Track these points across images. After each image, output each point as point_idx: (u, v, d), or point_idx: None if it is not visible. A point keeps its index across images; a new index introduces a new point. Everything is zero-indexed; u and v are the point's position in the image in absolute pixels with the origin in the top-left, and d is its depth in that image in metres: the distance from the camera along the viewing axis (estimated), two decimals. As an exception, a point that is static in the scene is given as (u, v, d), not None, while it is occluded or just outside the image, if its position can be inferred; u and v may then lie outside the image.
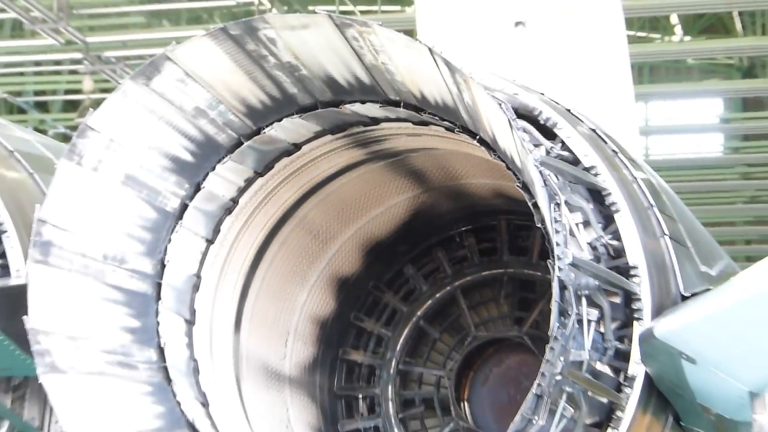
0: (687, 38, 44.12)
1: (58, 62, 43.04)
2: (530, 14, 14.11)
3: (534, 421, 6.48)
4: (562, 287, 6.40)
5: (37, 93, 45.06)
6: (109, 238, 7.04)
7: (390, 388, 8.89)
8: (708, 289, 7.19)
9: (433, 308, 8.95)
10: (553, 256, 6.42)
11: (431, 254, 8.90)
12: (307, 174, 7.66)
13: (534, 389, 6.45)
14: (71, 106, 45.55)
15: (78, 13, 37.94)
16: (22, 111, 45.44)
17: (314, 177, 7.75)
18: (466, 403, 8.97)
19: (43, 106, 47.62)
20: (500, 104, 6.41)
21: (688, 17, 43.98)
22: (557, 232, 6.44)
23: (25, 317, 6.78)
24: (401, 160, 7.84)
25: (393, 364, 8.88)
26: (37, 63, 43.51)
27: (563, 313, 6.44)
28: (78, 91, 43.49)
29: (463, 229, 8.81)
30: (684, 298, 7.10)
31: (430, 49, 6.37)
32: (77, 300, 6.95)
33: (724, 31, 44.38)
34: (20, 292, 6.83)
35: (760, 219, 49.06)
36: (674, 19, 42.91)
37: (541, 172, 6.46)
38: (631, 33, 28.30)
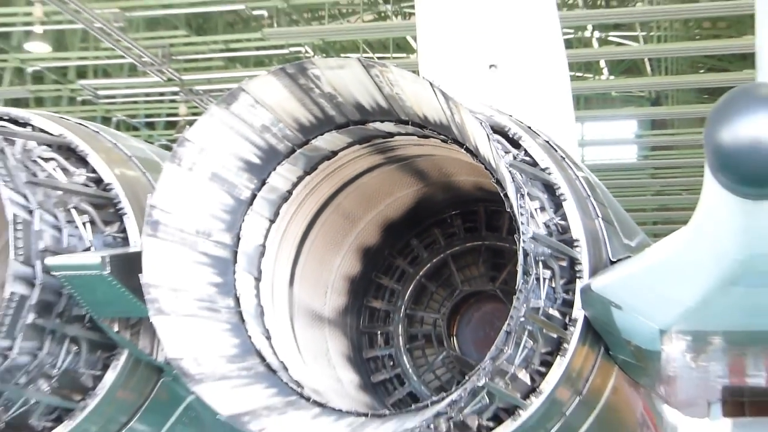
0: (611, 77, 44.24)
1: (161, 94, 42.91)
2: (501, 59, 14.06)
3: (504, 351, 6.47)
4: (525, 254, 6.42)
5: (147, 116, 45.10)
6: (200, 218, 7.04)
7: (400, 327, 8.86)
8: (629, 256, 7.18)
9: (431, 270, 8.92)
10: (519, 232, 6.43)
11: (430, 231, 8.87)
12: (341, 173, 7.68)
13: (505, 328, 6.47)
14: (171, 125, 45.66)
15: (176, 59, 37.85)
16: (135, 129, 45.44)
17: (346, 175, 7.76)
18: (454, 338, 8.97)
19: (150, 126, 47.69)
20: (481, 123, 6.44)
21: (612, 62, 43.97)
22: (521, 215, 6.48)
23: (140, 275, 6.78)
24: (409, 163, 7.86)
25: (402, 309, 8.86)
26: (147, 94, 43.41)
27: (526, 273, 6.45)
28: (176, 115, 43.59)
29: (453, 212, 8.80)
30: (612, 263, 7.11)
31: (430, 83, 6.39)
32: (177, 262, 6.95)
33: (638, 72, 44.32)
34: (136, 257, 6.83)
35: (664, 207, 49.45)
36: (602, 63, 43.13)
37: (510, 171, 6.50)
38: (572, 73, 28.41)
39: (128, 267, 6.85)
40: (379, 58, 40.38)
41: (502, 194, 6.58)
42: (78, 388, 7.41)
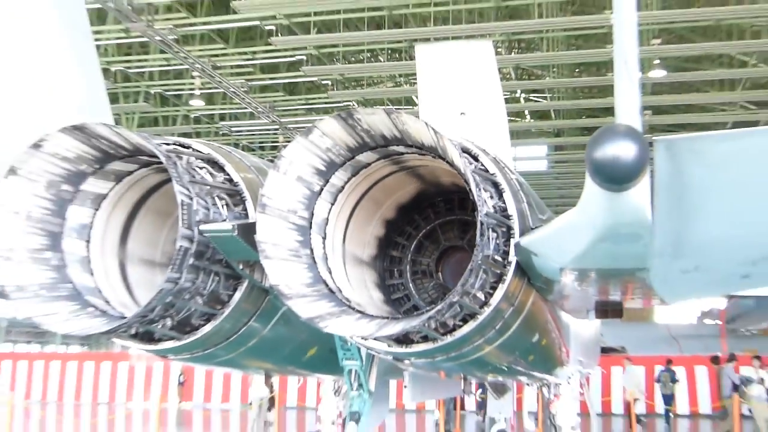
0: (532, 120, 43.95)
1: (268, 129, 42.87)
2: (468, 110, 14.00)
3: (469, 280, 6.50)
4: (482, 224, 6.37)
5: (260, 142, 44.85)
6: (290, 202, 6.97)
7: (407, 266, 8.82)
8: (541, 225, 7.16)
9: (426, 233, 8.88)
10: (478, 211, 6.37)
11: (425, 210, 8.78)
12: (373, 176, 7.61)
13: (469, 266, 6.41)
14: (274, 148, 45.50)
15: (277, 109, 37.76)
16: (252, 150, 45.37)
17: (375, 177, 7.69)
18: (440, 273, 8.92)
19: (262, 149, 47.60)
20: (455, 145, 6.38)
21: (532, 111, 43.74)
22: (479, 201, 6.42)
23: (255, 235, 6.77)
24: (413, 170, 7.78)
25: (409, 256, 8.84)
26: (259, 130, 43.42)
27: (482, 234, 6.39)
28: (277, 142, 43.59)
29: (439, 199, 8.74)
30: (532, 229, 7.02)
31: (425, 123, 6.34)
32: (276, 228, 6.90)
33: (547, 117, 44.07)
34: (253, 225, 6.81)
35: (562, 196, 48.99)
36: (526, 112, 42.82)
37: (472, 175, 6.47)
38: (509, 118, 28.25)
39: (248, 231, 6.83)
40: (397, 108, 40.58)
41: (468, 189, 6.56)
42: (218, 301, 7.38)
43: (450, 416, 29.19)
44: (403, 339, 7.32)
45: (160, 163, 7.36)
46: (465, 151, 7.19)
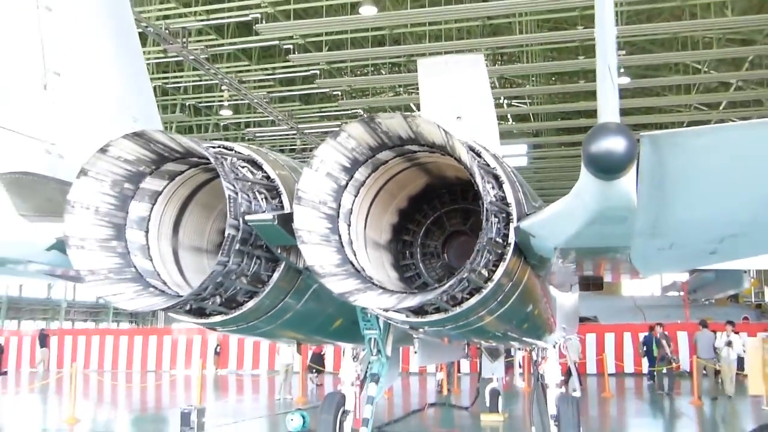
0: (514, 123, 43.84)
1: (287, 135, 42.84)
2: (463, 114, 13.98)
3: (475, 259, 6.48)
4: (486, 211, 6.35)
5: (281, 145, 44.80)
6: (320, 195, 7.03)
7: (418, 249, 8.85)
8: (535, 211, 7.14)
9: (434, 220, 8.89)
10: (482, 200, 6.37)
11: (433, 201, 8.78)
12: (390, 172, 7.60)
13: (476, 247, 6.41)
14: (291, 151, 45.38)
15: (295, 117, 37.80)
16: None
17: (392, 173, 7.66)
18: (445, 254, 8.89)
19: (282, 151, 47.60)
20: (463, 144, 6.37)
21: (514, 115, 43.65)
22: (483, 191, 6.40)
23: (292, 224, 6.79)
24: (424, 166, 7.77)
25: (419, 240, 8.83)
26: (279, 135, 43.36)
27: (486, 219, 6.38)
28: (294, 145, 43.57)
29: (444, 191, 8.73)
30: (527, 215, 7.03)
31: (437, 125, 6.32)
32: (310, 217, 6.92)
33: (528, 120, 43.98)
34: (290, 215, 6.83)
35: (540, 188, 48.83)
36: (509, 116, 42.75)
37: (477, 169, 6.45)
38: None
39: (285, 220, 6.84)
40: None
41: (473, 181, 6.56)
42: (259, 281, 7.37)
43: (450, 378, 29.22)
44: (419, 310, 7.34)
45: (208, 163, 7.39)
46: (470, 148, 7.20)
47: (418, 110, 40.50)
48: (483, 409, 19.65)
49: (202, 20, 29.62)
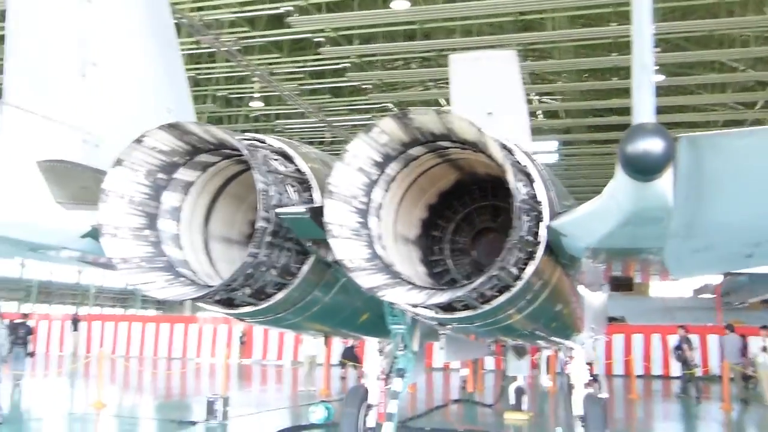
0: (544, 119, 43.54)
1: (316, 127, 42.88)
2: (494, 109, 13.92)
3: (506, 257, 6.42)
4: (518, 209, 6.34)
5: (309, 138, 44.70)
6: (351, 189, 7.10)
7: (447, 245, 8.80)
8: (565, 211, 7.11)
9: (463, 216, 8.85)
10: (513, 198, 6.37)
11: (463, 197, 8.75)
12: (420, 167, 7.59)
13: (507, 245, 6.39)
14: (320, 143, 45.36)
15: (323, 110, 37.91)
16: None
17: (423, 168, 7.67)
18: (474, 250, 8.86)
19: (310, 143, 47.64)
20: (495, 141, 6.38)
21: (545, 112, 43.38)
22: (515, 189, 6.39)
23: (322, 218, 6.83)
24: (455, 162, 7.75)
25: (448, 236, 8.80)
26: (308, 127, 43.37)
27: (518, 218, 6.37)
28: (323, 138, 43.61)
29: (474, 187, 8.68)
30: (558, 214, 7.00)
31: (470, 122, 6.32)
32: (340, 211, 6.95)
33: (558, 117, 43.69)
34: (321, 208, 6.88)
35: (570, 185, 48.29)
36: (539, 113, 42.49)
37: (510, 167, 6.44)
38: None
39: (316, 213, 6.87)
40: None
41: (505, 178, 6.56)
42: (288, 273, 7.42)
43: (473, 375, 29.20)
44: (447, 307, 7.35)
45: (240, 155, 7.44)
46: (502, 146, 7.18)
47: (448, 105, 40.46)
48: (507, 407, 19.62)
49: (235, 12, 29.67)
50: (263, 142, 7.69)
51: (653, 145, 4.53)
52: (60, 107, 7.88)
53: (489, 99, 14.76)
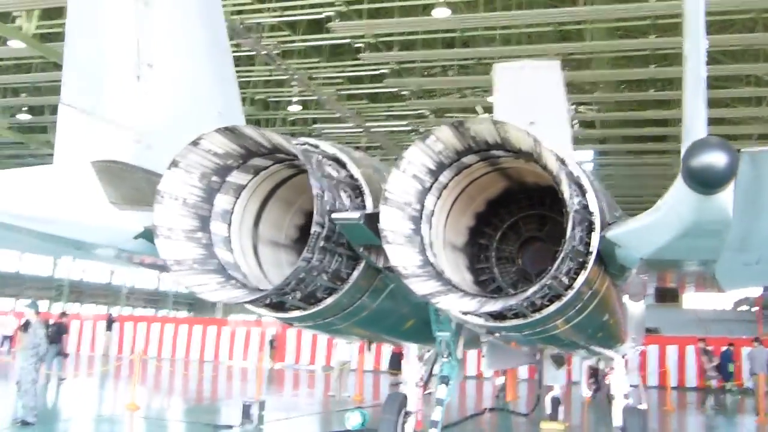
0: (580, 128, 43.17)
1: (353, 132, 42.95)
2: (536, 120, 13.89)
3: (559, 267, 6.41)
4: (571, 219, 6.33)
5: (347, 142, 44.56)
6: (406, 196, 7.06)
7: (493, 252, 8.77)
8: (615, 221, 7.08)
9: (510, 225, 8.84)
10: (568, 208, 6.36)
11: (510, 205, 8.72)
12: (471, 176, 7.61)
13: (561, 255, 6.38)
14: (356, 149, 45.22)
15: (361, 115, 37.96)
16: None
17: (473, 177, 7.68)
18: (520, 258, 8.84)
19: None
20: (551, 151, 6.36)
21: (581, 122, 43.13)
22: (570, 199, 6.39)
23: (378, 224, 6.85)
24: (504, 170, 7.78)
25: (494, 244, 8.78)
26: (346, 133, 43.36)
27: (572, 227, 6.37)
28: (359, 143, 43.60)
29: (521, 196, 8.66)
30: (609, 224, 6.97)
31: (527, 132, 6.32)
32: (395, 218, 6.98)
33: (593, 127, 43.41)
34: (376, 215, 6.94)
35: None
36: (575, 121, 42.10)
37: (565, 178, 6.43)
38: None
39: (370, 219, 6.90)
40: (465, 117, 40.78)
41: (558, 188, 6.55)
42: (339, 278, 7.44)
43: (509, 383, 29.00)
44: (497, 315, 7.34)
45: (291, 160, 7.50)
46: (556, 157, 7.18)
47: (485, 113, 40.41)
48: (543, 416, 19.50)
49: (276, 16, 29.86)
50: (317, 147, 7.72)
51: (717, 159, 4.54)
52: (114, 108, 7.98)
53: (532, 108, 14.71)
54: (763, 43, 30.78)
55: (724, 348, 33.19)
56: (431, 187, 7.31)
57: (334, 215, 6.93)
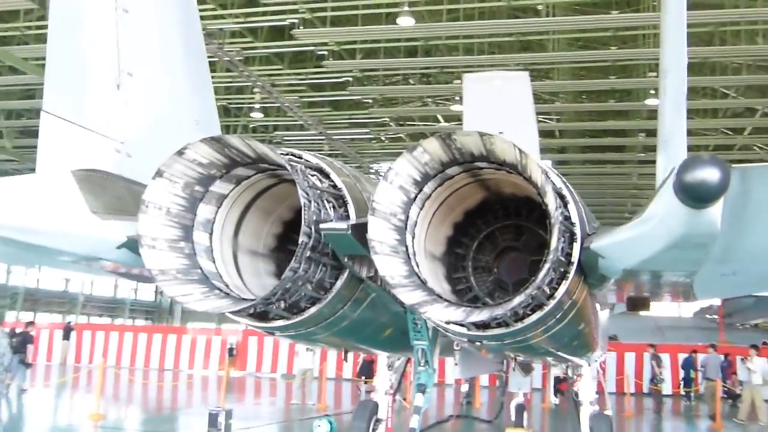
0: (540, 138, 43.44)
1: (314, 139, 42.87)
2: (505, 129, 14.00)
3: (541, 277, 6.47)
4: (556, 229, 6.42)
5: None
6: (391, 206, 7.06)
7: (470, 262, 8.82)
8: (594, 232, 7.14)
9: (486, 235, 8.87)
10: (551, 218, 6.46)
11: (487, 215, 8.78)
12: (453, 187, 7.66)
13: (547, 266, 6.49)
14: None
15: (323, 122, 37.92)
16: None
17: (455, 187, 7.74)
18: (496, 268, 8.89)
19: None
20: (537, 165, 6.45)
21: (540, 131, 43.54)
22: (555, 210, 6.47)
23: (367, 234, 6.88)
24: (484, 181, 7.88)
25: (471, 254, 8.83)
26: (306, 138, 43.27)
27: (556, 237, 6.46)
28: (321, 151, 43.57)
29: (498, 207, 8.71)
30: (589, 234, 7.05)
31: (513, 144, 6.40)
32: (383, 228, 7.01)
33: (552, 137, 43.81)
34: (364, 225, 6.97)
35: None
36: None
37: (550, 189, 6.52)
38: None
39: (357, 230, 6.93)
40: (425, 125, 40.88)
41: (542, 200, 6.64)
42: (322, 288, 7.47)
43: (472, 389, 29.14)
44: (481, 324, 7.40)
45: (273, 169, 7.51)
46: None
47: (445, 122, 40.58)
48: (508, 423, 19.62)
49: (238, 23, 29.76)
50: (300, 157, 7.73)
51: (711, 174, 4.66)
52: (95, 116, 7.92)
53: (500, 118, 14.85)
54: (719, 56, 31.48)
55: (686, 355, 33.85)
56: (416, 197, 7.34)
57: (322, 226, 6.95)
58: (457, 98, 34.45)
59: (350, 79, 34.81)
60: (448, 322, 7.43)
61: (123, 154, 8.16)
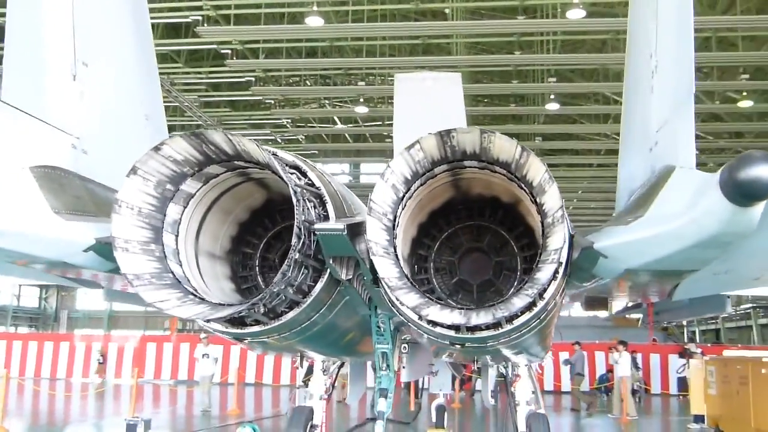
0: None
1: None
2: (435, 129, 13.91)
3: (533, 278, 6.51)
4: (559, 229, 6.33)
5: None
6: (384, 206, 6.74)
7: (432, 263, 8.64)
8: (573, 235, 6.94)
9: (450, 234, 8.69)
10: (552, 218, 6.30)
11: (450, 214, 8.59)
12: (433, 185, 7.38)
13: (542, 266, 6.36)
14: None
15: (221, 121, 37.15)
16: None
17: (433, 186, 7.47)
18: (459, 268, 8.68)
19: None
20: (541, 162, 6.31)
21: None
22: (556, 209, 6.34)
23: (365, 235, 6.58)
24: (457, 181, 7.64)
25: (433, 254, 8.66)
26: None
27: (561, 237, 6.33)
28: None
29: (460, 207, 8.46)
30: (571, 237, 6.84)
31: (515, 142, 6.23)
32: (378, 228, 6.69)
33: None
34: (360, 224, 6.75)
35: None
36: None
37: (549, 188, 6.35)
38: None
39: (353, 230, 6.62)
40: (321, 126, 40.50)
41: (536, 201, 6.49)
42: (301, 291, 7.07)
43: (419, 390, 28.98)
44: (470, 326, 7.17)
45: (245, 168, 7.09)
46: None
47: (341, 124, 40.34)
48: (428, 424, 19.58)
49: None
50: (275, 154, 7.32)
51: (763, 172, 4.57)
52: (51, 108, 7.29)
53: (431, 119, 14.69)
54: (611, 63, 32.47)
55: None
56: (403, 197, 7.06)
57: (316, 226, 6.58)
58: (361, 100, 34.35)
59: (252, 78, 34.15)
60: (450, 326, 7.14)
61: (79, 150, 7.54)
